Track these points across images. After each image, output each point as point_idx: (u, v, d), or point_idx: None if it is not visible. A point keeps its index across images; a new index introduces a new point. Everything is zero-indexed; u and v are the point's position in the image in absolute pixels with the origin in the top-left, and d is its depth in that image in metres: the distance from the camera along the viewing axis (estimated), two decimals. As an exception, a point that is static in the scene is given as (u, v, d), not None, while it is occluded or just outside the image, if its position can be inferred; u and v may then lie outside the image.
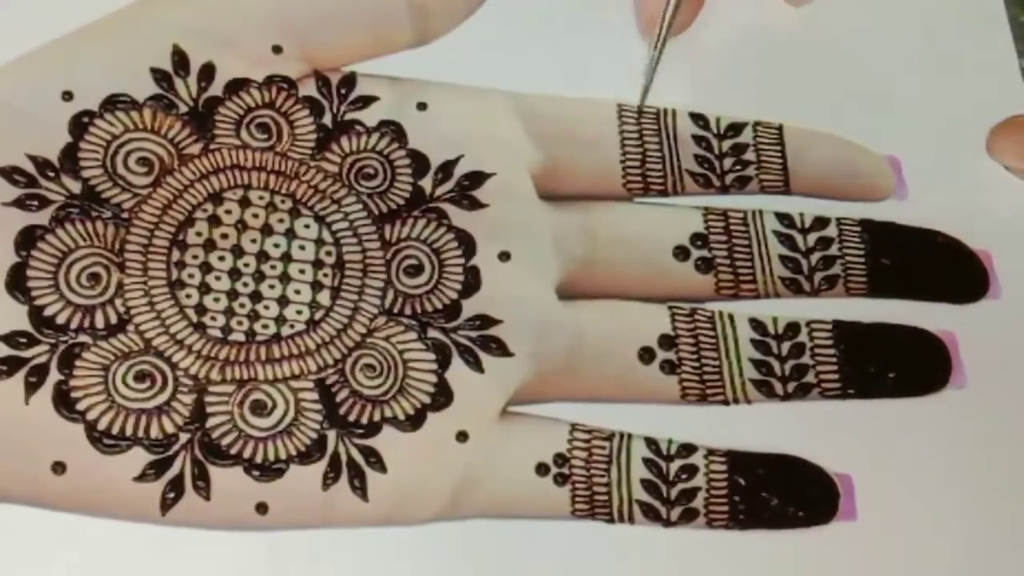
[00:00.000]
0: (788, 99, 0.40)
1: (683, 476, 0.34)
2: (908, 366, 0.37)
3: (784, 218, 0.38)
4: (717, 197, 0.39)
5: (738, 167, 0.39)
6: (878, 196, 0.39)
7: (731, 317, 0.36)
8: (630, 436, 0.35)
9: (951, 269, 0.38)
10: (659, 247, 0.37)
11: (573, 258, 0.36)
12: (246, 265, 0.34)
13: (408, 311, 0.35)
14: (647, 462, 0.34)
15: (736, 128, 0.39)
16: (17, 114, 0.33)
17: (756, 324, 0.36)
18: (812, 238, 0.38)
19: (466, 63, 0.38)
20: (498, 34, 0.38)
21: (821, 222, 0.38)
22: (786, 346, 0.36)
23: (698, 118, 0.39)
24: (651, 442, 0.35)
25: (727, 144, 0.39)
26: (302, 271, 0.34)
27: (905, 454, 0.36)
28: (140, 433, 0.32)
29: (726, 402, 0.36)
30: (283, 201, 0.35)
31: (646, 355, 0.36)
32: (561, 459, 0.34)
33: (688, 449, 0.35)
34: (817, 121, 0.40)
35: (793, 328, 0.36)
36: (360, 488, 0.33)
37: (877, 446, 0.36)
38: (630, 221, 0.37)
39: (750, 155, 0.39)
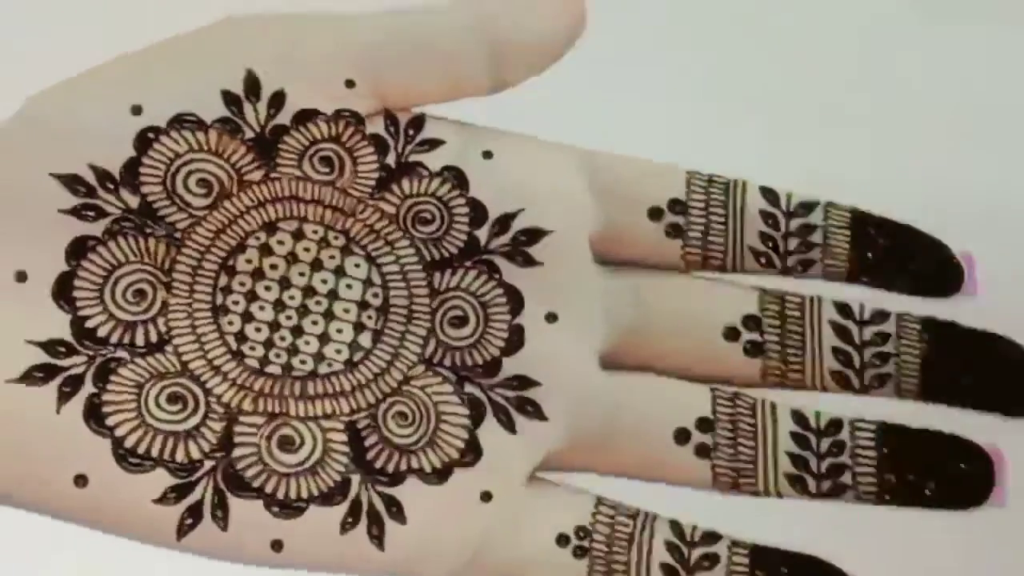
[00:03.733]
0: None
1: (704, 564, 0.34)
2: (949, 479, 0.35)
3: (842, 309, 0.37)
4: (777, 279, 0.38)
5: (803, 248, 0.37)
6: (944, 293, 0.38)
7: (773, 407, 0.36)
8: (655, 517, 0.34)
9: (1011, 382, 0.37)
10: (709, 325, 0.36)
11: (621, 326, 0.36)
12: (291, 298, 0.34)
13: (448, 362, 0.34)
14: (669, 546, 0.34)
15: (807, 207, 0.38)
16: (85, 124, 0.33)
17: (798, 417, 0.36)
18: (868, 332, 0.37)
19: (537, 113, 0.37)
20: (572, 88, 0.37)
21: (880, 316, 0.37)
22: (826, 443, 0.35)
23: (768, 192, 0.38)
24: (675, 525, 0.34)
25: (795, 223, 0.38)
26: (347, 310, 0.34)
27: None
28: (166, 455, 0.32)
29: (757, 493, 0.35)
30: (336, 237, 0.35)
31: (682, 436, 0.35)
32: (583, 532, 0.34)
33: (712, 537, 0.34)
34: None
35: (835, 425, 0.36)
36: (377, 537, 0.32)
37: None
38: (683, 295, 0.37)
39: (817, 237, 0.38)
